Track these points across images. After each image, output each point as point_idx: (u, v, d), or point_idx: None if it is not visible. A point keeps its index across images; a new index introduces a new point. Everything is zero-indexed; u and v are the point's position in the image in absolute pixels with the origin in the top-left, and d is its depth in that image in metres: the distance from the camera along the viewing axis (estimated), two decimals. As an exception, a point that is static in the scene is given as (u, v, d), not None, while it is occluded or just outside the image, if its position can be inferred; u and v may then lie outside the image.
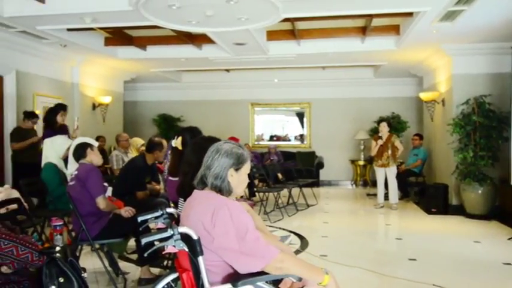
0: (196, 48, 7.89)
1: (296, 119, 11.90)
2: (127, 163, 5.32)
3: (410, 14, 5.93)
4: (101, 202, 3.65)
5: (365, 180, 10.85)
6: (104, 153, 8.02)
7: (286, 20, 5.93)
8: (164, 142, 4.78)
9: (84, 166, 3.78)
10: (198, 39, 7.43)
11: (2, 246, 1.62)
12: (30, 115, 6.29)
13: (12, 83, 6.78)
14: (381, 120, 8.00)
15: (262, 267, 1.84)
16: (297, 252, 4.78)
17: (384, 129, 7.56)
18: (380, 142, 7.47)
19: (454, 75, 7.41)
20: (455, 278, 3.99)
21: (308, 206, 7.83)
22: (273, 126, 12.25)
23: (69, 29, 6.64)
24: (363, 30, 6.95)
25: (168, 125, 11.34)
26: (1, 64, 6.57)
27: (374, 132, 9.63)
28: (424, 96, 8.46)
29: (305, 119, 11.57)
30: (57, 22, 5.93)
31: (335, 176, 11.23)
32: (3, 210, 3.40)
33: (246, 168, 2.08)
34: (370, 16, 6.08)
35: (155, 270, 3.96)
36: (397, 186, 7.61)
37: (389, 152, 7.47)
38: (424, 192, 7.88)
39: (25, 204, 3.41)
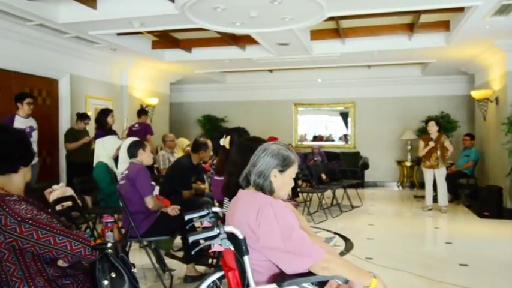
0: (240, 50, 7.96)
1: (340, 119, 11.73)
2: (173, 163, 5.46)
3: (461, 9, 5.69)
4: (150, 201, 3.76)
5: (412, 181, 10.53)
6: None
7: (330, 18, 5.86)
8: (209, 142, 4.85)
9: (134, 166, 3.90)
10: (242, 41, 7.51)
11: (57, 242, 1.70)
12: (82, 116, 6.59)
13: (66, 85, 7.14)
14: (429, 120, 7.71)
15: (309, 267, 1.82)
16: (342, 254, 4.71)
17: (433, 128, 7.29)
18: (432, 144, 7.19)
19: (509, 72, 7.05)
20: (509, 286, 3.79)
21: (352, 207, 7.70)
22: (316, 126, 12.13)
23: (118, 34, 6.90)
24: (410, 27, 6.75)
25: (212, 125, 11.51)
26: (56, 68, 6.93)
27: (422, 132, 9.32)
28: (476, 94, 8.09)
29: (349, 119, 11.37)
30: (108, 27, 6.18)
31: (380, 177, 10.96)
32: (58, 207, 3.58)
33: (292, 171, 2.06)
34: (418, 12, 5.88)
35: (200, 268, 4.03)
36: (446, 188, 7.32)
37: (439, 152, 7.20)
38: (475, 195, 7.54)
39: (79, 201, 3.57)
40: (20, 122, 5.32)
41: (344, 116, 11.58)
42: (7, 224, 1.65)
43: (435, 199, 7.45)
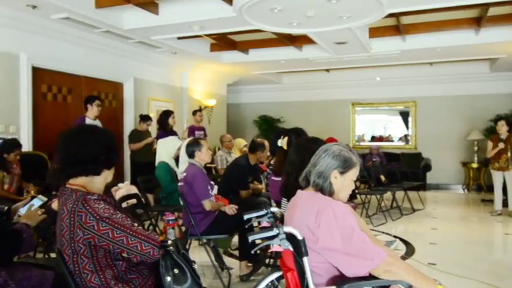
0: (296, 50, 7.94)
1: (399, 119, 11.31)
2: (231, 163, 5.54)
3: (535, 0, 5.31)
4: (207, 205, 3.81)
5: (479, 184, 9.94)
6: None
7: (390, 15, 5.68)
8: (266, 143, 4.88)
9: (191, 169, 3.93)
10: (298, 41, 7.48)
11: (129, 242, 1.78)
12: (145, 118, 6.88)
13: (130, 88, 7.49)
14: (498, 119, 7.24)
15: (370, 270, 1.78)
16: (403, 258, 4.55)
17: (503, 128, 6.84)
18: (501, 145, 6.75)
19: None
20: None
21: (414, 210, 7.41)
22: (375, 126, 11.80)
23: (179, 38, 7.13)
24: (477, 21, 6.38)
25: (268, 126, 11.56)
26: (122, 72, 7.29)
27: (490, 132, 8.79)
28: (552, 91, 7.49)
29: (410, 119, 10.95)
30: (169, 31, 6.41)
31: (444, 179, 10.46)
32: (124, 204, 3.76)
33: (353, 173, 2.02)
34: (487, 5, 5.55)
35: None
36: (518, 192, 6.84)
37: (509, 154, 6.74)
38: (552, 200, 6.97)
39: (142, 199, 3.72)
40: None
41: (404, 115, 11.17)
42: (87, 221, 1.75)
43: (505, 203, 6.98)
